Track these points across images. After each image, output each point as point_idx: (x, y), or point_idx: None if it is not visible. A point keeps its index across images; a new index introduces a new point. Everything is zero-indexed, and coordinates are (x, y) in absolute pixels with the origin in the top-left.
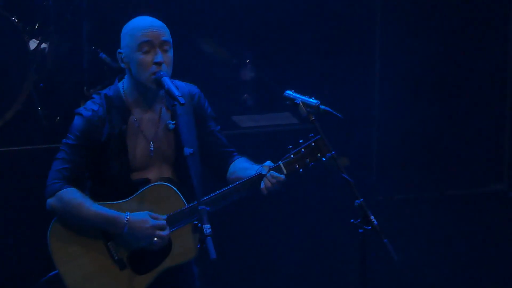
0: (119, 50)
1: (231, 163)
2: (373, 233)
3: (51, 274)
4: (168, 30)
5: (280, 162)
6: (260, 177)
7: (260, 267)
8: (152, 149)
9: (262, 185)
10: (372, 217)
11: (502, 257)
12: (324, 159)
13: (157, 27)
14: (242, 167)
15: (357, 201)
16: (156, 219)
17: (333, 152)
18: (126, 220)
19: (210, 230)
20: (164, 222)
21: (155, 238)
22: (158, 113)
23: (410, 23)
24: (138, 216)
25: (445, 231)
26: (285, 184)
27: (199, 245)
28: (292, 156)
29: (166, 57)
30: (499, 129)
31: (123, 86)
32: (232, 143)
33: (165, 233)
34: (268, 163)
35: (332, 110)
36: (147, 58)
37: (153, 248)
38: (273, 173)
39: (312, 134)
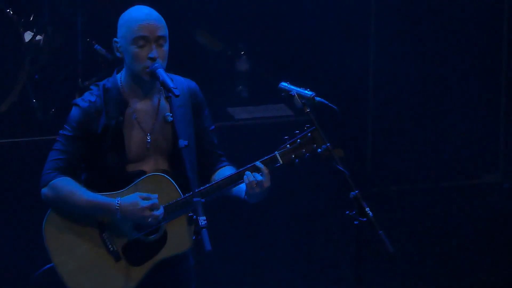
0: (115, 39)
1: (218, 169)
2: (368, 225)
3: (45, 267)
4: (164, 22)
5: (276, 152)
6: (254, 167)
7: (255, 259)
8: (149, 141)
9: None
10: (367, 208)
11: (497, 247)
12: (319, 150)
13: (153, 20)
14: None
15: (352, 192)
16: (147, 199)
17: (328, 144)
18: (117, 205)
19: (205, 222)
20: (156, 201)
21: (149, 219)
22: (156, 105)
23: (405, 12)
24: (128, 200)
25: (440, 222)
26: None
27: (194, 237)
28: (288, 146)
29: (161, 52)
30: (494, 120)
31: (121, 77)
32: (225, 135)
33: (158, 212)
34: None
35: (327, 102)
36: (141, 52)
37: (149, 225)
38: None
39: (308, 125)
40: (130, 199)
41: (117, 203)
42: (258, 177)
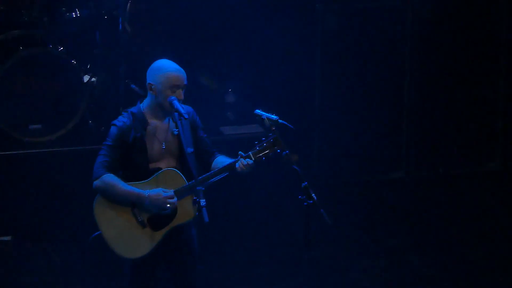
0: (150, 82)
1: (214, 159)
2: (314, 205)
3: (96, 233)
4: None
5: (249, 152)
6: (236, 161)
7: (234, 233)
8: (163, 147)
9: (237, 166)
10: (313, 194)
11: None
12: (279, 151)
13: (182, 73)
14: (222, 161)
15: (303, 183)
16: (166, 192)
17: (287, 151)
18: (147, 196)
19: (205, 203)
20: (172, 193)
21: (168, 205)
22: (167, 123)
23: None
24: (154, 191)
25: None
26: (253, 168)
27: (197, 213)
28: (257, 148)
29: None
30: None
31: (142, 105)
32: (218, 145)
33: (174, 200)
34: (240, 152)
35: (287, 123)
36: (174, 95)
37: (167, 212)
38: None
39: (271, 134)
40: (156, 191)
41: (147, 194)
42: (247, 161)
